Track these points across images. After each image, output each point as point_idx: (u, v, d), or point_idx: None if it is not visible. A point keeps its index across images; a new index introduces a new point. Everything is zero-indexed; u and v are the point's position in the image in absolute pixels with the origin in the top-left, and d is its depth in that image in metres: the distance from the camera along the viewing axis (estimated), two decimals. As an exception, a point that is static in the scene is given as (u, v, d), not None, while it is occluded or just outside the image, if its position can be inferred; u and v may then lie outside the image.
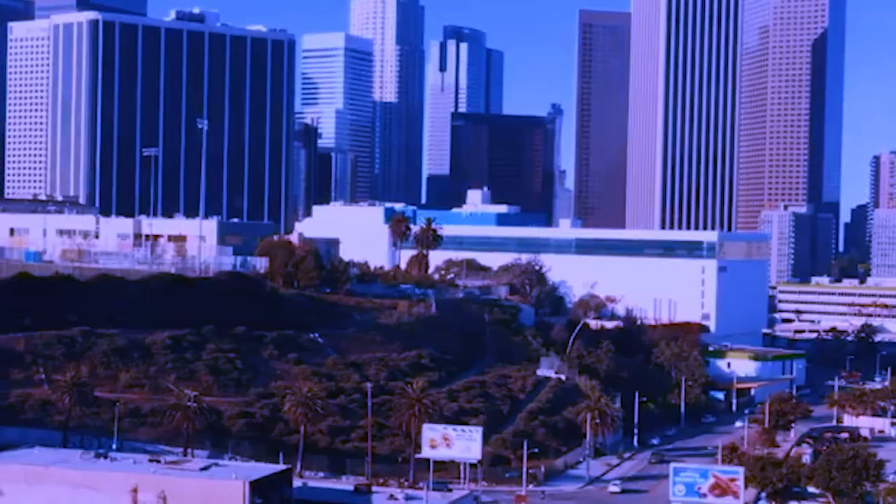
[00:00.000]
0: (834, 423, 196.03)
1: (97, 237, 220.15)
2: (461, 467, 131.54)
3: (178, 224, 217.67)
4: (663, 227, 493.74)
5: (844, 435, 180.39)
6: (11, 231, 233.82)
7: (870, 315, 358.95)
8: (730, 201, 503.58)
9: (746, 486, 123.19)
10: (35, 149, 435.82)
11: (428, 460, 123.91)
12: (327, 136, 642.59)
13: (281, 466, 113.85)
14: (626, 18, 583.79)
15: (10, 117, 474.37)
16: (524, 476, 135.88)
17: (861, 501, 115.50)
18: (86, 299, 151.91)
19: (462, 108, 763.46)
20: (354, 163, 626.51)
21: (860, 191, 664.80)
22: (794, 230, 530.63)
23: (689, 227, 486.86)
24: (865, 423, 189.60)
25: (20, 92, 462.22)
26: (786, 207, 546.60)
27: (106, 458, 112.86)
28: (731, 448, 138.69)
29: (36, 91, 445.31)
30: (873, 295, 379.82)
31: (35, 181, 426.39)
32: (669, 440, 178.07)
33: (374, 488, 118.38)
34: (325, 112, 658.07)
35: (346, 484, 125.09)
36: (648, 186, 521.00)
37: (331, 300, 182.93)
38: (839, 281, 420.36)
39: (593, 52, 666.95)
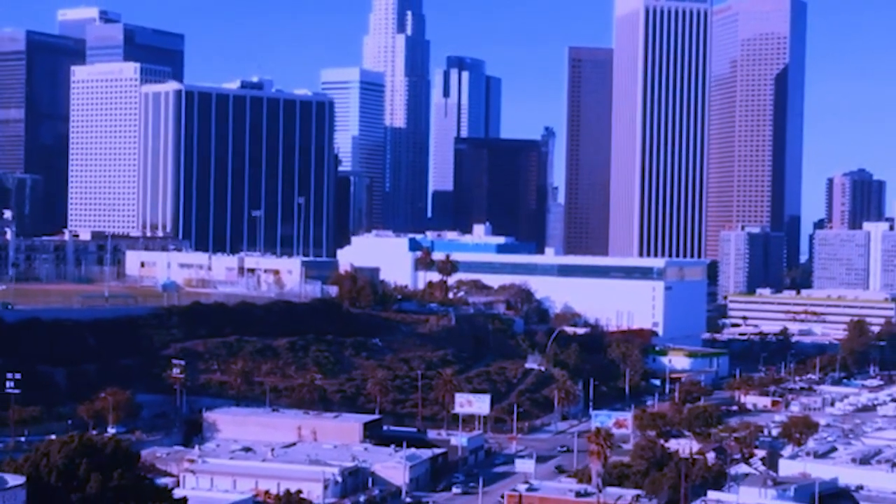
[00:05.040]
0: (730, 400, 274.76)
1: (210, 269, 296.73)
2: (476, 421, 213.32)
3: (273, 261, 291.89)
4: (641, 245, 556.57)
5: (734, 407, 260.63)
6: (142, 264, 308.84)
7: (802, 321, 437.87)
8: (699, 222, 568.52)
9: (645, 431, 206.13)
10: (124, 189, 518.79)
11: (457, 415, 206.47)
12: (345, 159, 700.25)
13: (377, 416, 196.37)
14: (610, 53, 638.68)
15: (80, 154, 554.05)
16: (514, 429, 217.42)
17: (709, 437, 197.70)
18: (234, 317, 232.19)
19: (464, 129, 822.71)
20: (370, 186, 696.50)
21: (821, 209, 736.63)
22: (749, 247, 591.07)
23: (664, 247, 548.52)
24: (751, 400, 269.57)
25: (95, 135, 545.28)
26: (742, 227, 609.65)
27: (277, 411, 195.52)
28: (641, 410, 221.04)
29: (117, 137, 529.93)
30: (804, 304, 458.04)
31: (123, 217, 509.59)
32: (616, 411, 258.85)
33: (428, 430, 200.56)
34: (341, 138, 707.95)
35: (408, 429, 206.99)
36: (628, 207, 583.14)
37: (383, 316, 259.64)
38: (780, 292, 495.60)
39: (581, 83, 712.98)
